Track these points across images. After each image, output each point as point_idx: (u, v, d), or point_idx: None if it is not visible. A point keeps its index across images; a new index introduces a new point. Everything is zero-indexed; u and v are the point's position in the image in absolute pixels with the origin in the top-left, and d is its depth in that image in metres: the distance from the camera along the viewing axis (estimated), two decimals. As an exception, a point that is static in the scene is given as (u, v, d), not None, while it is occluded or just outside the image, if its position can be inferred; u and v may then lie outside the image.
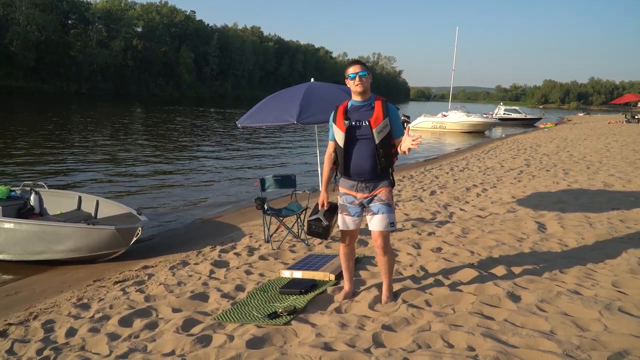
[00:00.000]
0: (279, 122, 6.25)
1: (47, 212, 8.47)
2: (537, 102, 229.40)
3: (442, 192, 10.41)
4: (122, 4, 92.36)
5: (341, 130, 4.10)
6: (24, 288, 6.23)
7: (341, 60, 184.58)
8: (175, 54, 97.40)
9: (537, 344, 3.31)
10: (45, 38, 71.94)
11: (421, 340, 3.46)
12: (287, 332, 3.81)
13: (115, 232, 6.66)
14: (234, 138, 26.73)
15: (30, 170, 14.31)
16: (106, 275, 6.32)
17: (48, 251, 6.91)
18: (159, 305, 4.69)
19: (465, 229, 6.98)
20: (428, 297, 4.35)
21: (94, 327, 4.31)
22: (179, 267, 6.13)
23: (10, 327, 4.52)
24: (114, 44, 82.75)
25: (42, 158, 16.46)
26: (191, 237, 8.33)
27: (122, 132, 26.36)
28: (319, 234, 4.58)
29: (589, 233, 6.43)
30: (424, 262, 5.41)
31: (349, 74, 4.11)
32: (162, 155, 18.88)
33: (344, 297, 4.45)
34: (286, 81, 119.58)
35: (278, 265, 5.80)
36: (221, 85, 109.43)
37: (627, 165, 13.98)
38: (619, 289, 4.34)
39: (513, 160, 16.72)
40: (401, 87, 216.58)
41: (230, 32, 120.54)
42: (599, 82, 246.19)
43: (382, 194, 4.11)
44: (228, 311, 4.33)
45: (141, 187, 12.67)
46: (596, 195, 9.34)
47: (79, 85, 75.63)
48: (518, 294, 4.30)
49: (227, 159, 18.68)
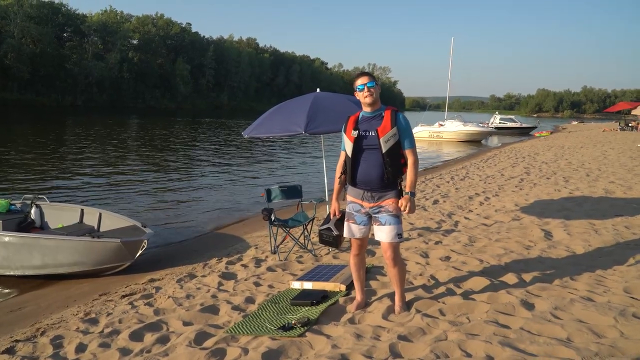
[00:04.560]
0: (287, 132, 6.24)
1: (49, 225, 8.39)
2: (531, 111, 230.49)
3: (445, 201, 10.40)
4: (117, 17, 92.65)
5: (350, 140, 4.12)
6: (28, 303, 6.15)
7: (337, 71, 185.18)
8: (171, 66, 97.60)
9: (555, 351, 3.29)
10: (41, 51, 71.94)
11: (439, 350, 3.43)
12: (302, 344, 3.78)
13: (121, 245, 6.60)
14: (235, 149, 26.70)
15: (31, 183, 14.23)
16: (112, 289, 6.25)
17: (51, 265, 6.83)
18: (169, 319, 4.64)
19: (471, 237, 6.97)
20: (441, 306, 4.33)
21: (104, 342, 4.25)
22: (186, 280, 6.09)
23: (17, 344, 4.43)
24: (110, 56, 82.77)
25: (42, 171, 16.36)
26: (196, 249, 8.28)
27: (120, 144, 26.29)
28: (330, 243, 4.57)
29: (595, 240, 6.44)
30: (433, 271, 5.39)
31: (357, 86, 4.12)
32: (161, 167, 18.83)
33: (356, 308, 4.42)
34: (282, 92, 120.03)
35: (287, 276, 5.76)
36: (217, 96, 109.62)
37: (626, 172, 14.04)
38: (631, 295, 4.34)
39: (512, 168, 16.75)
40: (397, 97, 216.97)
41: (226, 43, 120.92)
42: (591, 90, 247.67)
43: (389, 205, 4.09)
44: (240, 323, 4.28)
45: (143, 200, 12.61)
46: (599, 202, 9.36)
47: (74, 97, 75.50)
48: (531, 301, 4.29)
49: (228, 170, 18.64)
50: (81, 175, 16.03)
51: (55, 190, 13.36)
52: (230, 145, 28.99)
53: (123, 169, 17.84)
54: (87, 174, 16.18)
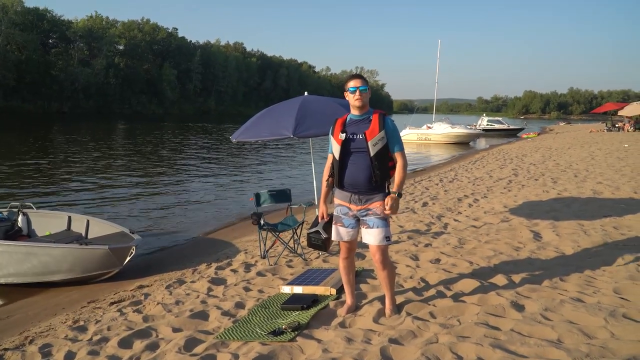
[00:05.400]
0: (275, 136, 6.23)
1: (36, 233, 8.32)
2: (518, 112, 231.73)
3: (434, 204, 10.42)
4: (103, 22, 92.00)
5: (337, 143, 4.11)
6: (16, 312, 6.09)
7: (324, 74, 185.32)
8: (158, 71, 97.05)
9: (546, 353, 3.30)
10: (26, 57, 71.20)
11: (430, 353, 3.42)
12: (293, 349, 3.75)
13: (109, 251, 6.54)
14: (223, 154, 26.63)
15: (17, 190, 14.09)
16: (100, 296, 6.19)
17: (39, 273, 6.75)
18: (159, 325, 4.60)
19: (461, 239, 6.99)
20: (432, 308, 4.33)
21: (93, 349, 4.20)
22: (175, 286, 6.04)
23: (5, 353, 4.39)
24: (96, 62, 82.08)
25: (28, 178, 16.22)
26: (185, 254, 8.22)
27: (108, 151, 26.13)
28: (318, 246, 4.57)
29: (584, 240, 6.47)
30: (423, 274, 5.39)
31: (349, 87, 4.10)
32: (149, 172, 18.73)
33: (347, 311, 4.41)
34: (269, 96, 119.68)
35: (276, 280, 5.73)
36: (205, 101, 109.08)
37: (614, 172, 14.14)
38: (621, 295, 4.36)
39: (501, 170, 16.84)
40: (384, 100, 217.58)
41: (213, 48, 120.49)
42: (578, 92, 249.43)
43: (377, 208, 4.07)
44: (230, 329, 4.25)
45: (131, 206, 12.53)
46: (587, 203, 9.42)
47: (60, 104, 74.83)
48: (522, 303, 4.29)
49: (216, 175, 18.58)
50: (68, 182, 15.90)
51: (42, 197, 13.23)
52: (218, 150, 28.90)
53: (110, 175, 17.72)
54: (75, 181, 16.04)
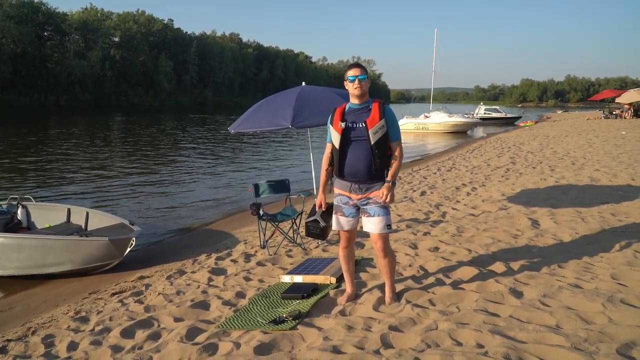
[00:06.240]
0: (273, 126, 6.24)
1: (36, 225, 8.34)
2: (515, 101, 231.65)
3: (433, 192, 10.45)
4: (98, 14, 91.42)
5: (337, 132, 4.11)
6: (18, 303, 6.13)
7: (321, 64, 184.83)
8: (154, 62, 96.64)
9: (544, 338, 3.33)
10: (21, 50, 70.80)
11: (430, 340, 3.46)
12: (294, 337, 3.79)
13: (109, 243, 6.57)
14: (220, 145, 26.60)
15: (16, 183, 14.10)
16: (101, 287, 6.23)
17: (40, 265, 6.79)
18: (160, 315, 4.64)
19: (459, 227, 7.02)
20: (431, 296, 4.36)
21: (95, 339, 4.24)
22: (176, 276, 6.08)
23: (9, 344, 4.43)
24: (92, 54, 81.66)
25: (27, 171, 16.22)
26: (185, 245, 8.26)
27: (105, 143, 26.11)
28: (316, 234, 4.59)
29: (582, 227, 6.51)
30: (422, 262, 5.42)
31: (348, 76, 4.10)
32: (148, 164, 18.71)
33: (347, 300, 4.44)
34: (266, 87, 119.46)
35: (276, 270, 5.76)
36: (201, 92, 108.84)
37: (611, 160, 14.19)
38: (619, 281, 4.39)
39: (498, 158, 16.87)
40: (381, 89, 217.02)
41: (209, 39, 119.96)
42: (575, 79, 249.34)
43: (377, 197, 4.09)
44: (231, 318, 4.29)
45: (130, 197, 12.56)
46: (584, 190, 9.46)
47: (57, 97, 74.49)
48: (520, 289, 4.33)
49: (215, 166, 18.59)
50: (67, 174, 15.90)
51: (42, 190, 13.24)
52: (216, 141, 28.87)
53: (109, 167, 17.73)
54: (73, 173, 16.05)
